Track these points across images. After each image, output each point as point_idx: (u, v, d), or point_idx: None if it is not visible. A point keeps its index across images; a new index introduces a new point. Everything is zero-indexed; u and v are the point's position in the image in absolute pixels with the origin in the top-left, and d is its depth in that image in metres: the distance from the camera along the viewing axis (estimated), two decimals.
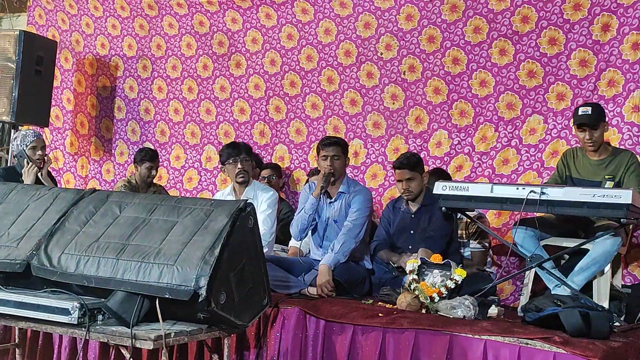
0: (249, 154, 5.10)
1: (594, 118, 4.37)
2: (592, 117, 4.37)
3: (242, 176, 4.99)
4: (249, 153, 5.09)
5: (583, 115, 4.40)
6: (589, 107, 4.44)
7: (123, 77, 7.16)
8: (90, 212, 3.42)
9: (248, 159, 5.04)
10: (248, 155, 5.06)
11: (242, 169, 4.98)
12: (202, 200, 3.39)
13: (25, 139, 5.25)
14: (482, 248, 5.09)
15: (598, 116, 4.39)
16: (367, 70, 6.02)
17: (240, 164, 4.98)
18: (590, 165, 4.49)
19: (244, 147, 5.11)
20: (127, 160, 7.11)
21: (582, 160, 4.54)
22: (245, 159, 5.01)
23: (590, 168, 4.49)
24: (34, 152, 5.22)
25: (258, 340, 4.00)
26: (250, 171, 5.08)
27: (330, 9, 6.15)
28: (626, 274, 4.84)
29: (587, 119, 4.38)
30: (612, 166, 4.42)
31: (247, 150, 5.10)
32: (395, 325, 3.69)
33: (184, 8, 6.78)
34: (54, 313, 3.01)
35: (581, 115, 4.41)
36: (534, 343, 3.39)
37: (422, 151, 5.68)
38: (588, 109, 4.40)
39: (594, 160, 4.48)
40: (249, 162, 5.05)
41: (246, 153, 5.05)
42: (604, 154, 4.47)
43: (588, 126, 4.39)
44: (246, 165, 5.00)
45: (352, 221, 4.65)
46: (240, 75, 6.59)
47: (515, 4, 5.43)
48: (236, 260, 3.14)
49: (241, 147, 5.09)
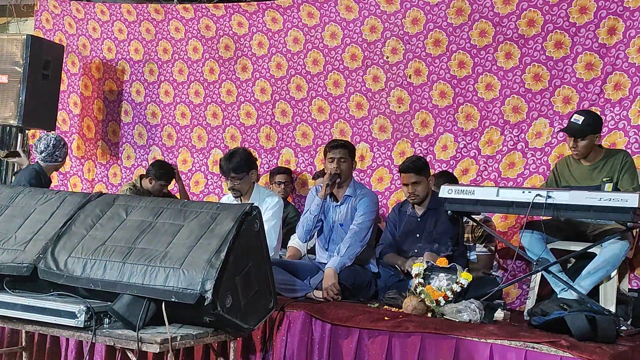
0: (238, 171, 4.86)
1: (581, 130, 4.33)
2: (579, 128, 4.33)
3: (233, 194, 4.96)
4: (237, 170, 4.86)
5: (571, 124, 4.37)
6: (583, 116, 4.37)
7: (130, 81, 7.18)
8: (97, 215, 3.43)
9: (235, 176, 4.86)
10: (236, 172, 4.85)
11: (232, 187, 4.93)
12: (209, 204, 3.39)
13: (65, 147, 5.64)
14: (488, 252, 5.08)
15: (587, 128, 4.33)
16: (373, 74, 6.03)
17: (230, 182, 4.92)
18: (585, 171, 4.46)
19: (230, 167, 4.86)
20: (133, 164, 7.13)
21: (577, 167, 4.51)
22: (233, 177, 4.87)
23: (586, 173, 4.46)
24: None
25: (264, 344, 4.00)
26: (243, 187, 4.91)
27: (336, 12, 6.16)
28: (633, 277, 4.82)
29: (572, 130, 4.35)
30: (607, 167, 4.38)
31: (235, 168, 4.86)
32: (401, 329, 3.69)
33: (190, 12, 6.80)
34: (61, 316, 3.01)
35: (571, 122, 4.39)
36: (540, 347, 3.38)
37: (428, 155, 5.68)
38: (580, 119, 4.34)
39: (587, 166, 4.46)
40: (239, 178, 4.87)
41: (234, 171, 4.85)
42: (597, 158, 4.44)
43: (573, 136, 4.36)
44: (236, 183, 4.88)
45: (358, 225, 4.65)
46: (246, 79, 6.60)
47: (521, 8, 5.43)
48: (242, 263, 3.15)
49: (225, 170, 4.89)
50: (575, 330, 3.49)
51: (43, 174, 5.46)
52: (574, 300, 3.86)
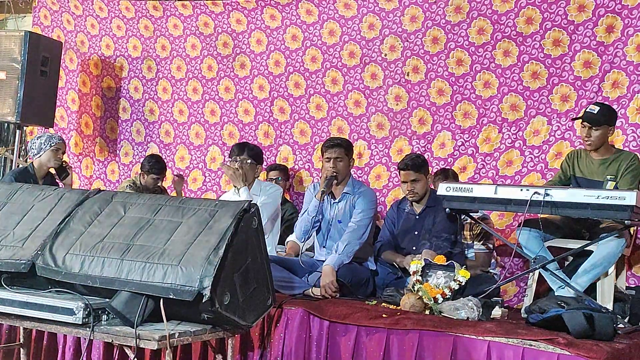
0: (241, 152, 4.98)
1: (596, 118, 4.36)
2: (595, 116, 4.36)
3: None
4: (242, 152, 4.99)
5: (588, 112, 4.41)
6: (600, 107, 4.42)
7: (128, 78, 7.17)
8: (95, 212, 3.43)
9: (238, 159, 4.94)
10: (241, 153, 4.98)
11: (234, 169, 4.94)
12: (207, 201, 3.39)
13: (51, 139, 5.39)
14: (486, 249, 5.09)
15: (602, 118, 4.37)
16: (371, 72, 6.03)
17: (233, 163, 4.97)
18: (592, 164, 4.48)
19: (239, 147, 5.05)
20: (131, 161, 7.13)
21: (586, 160, 4.53)
22: (238, 159, 4.94)
23: (592, 167, 4.48)
24: (55, 154, 5.31)
25: (262, 341, 4.00)
26: (250, 174, 4.95)
27: (334, 10, 6.16)
28: (630, 275, 4.83)
29: (589, 116, 4.38)
30: (614, 166, 4.40)
31: (240, 148, 5.02)
32: (399, 326, 3.69)
33: (189, 9, 6.79)
34: (59, 313, 3.01)
35: (587, 111, 4.42)
36: (537, 344, 3.39)
37: (425, 152, 5.67)
38: (595, 109, 4.40)
39: (596, 160, 4.47)
40: (242, 162, 4.92)
41: (240, 150, 4.99)
42: (607, 154, 4.46)
43: (589, 123, 4.38)
44: (246, 166, 4.92)
45: (356, 222, 4.65)
46: (244, 76, 6.60)
47: (520, 5, 5.43)
48: (240, 260, 3.15)
49: (235, 147, 5.08)
50: (572, 328, 3.49)
51: (32, 170, 5.39)
52: (572, 298, 3.87)
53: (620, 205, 3.76)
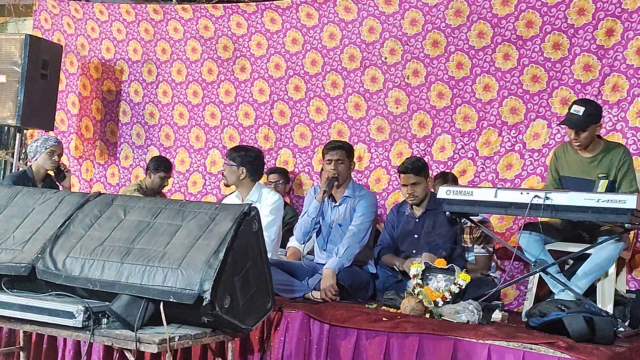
0: (231, 157, 4.90)
1: (582, 121, 4.25)
2: (580, 120, 4.25)
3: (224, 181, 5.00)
4: (231, 156, 4.91)
5: (571, 116, 4.29)
6: (583, 106, 4.28)
7: (128, 81, 7.18)
8: (95, 215, 3.43)
9: (228, 162, 4.90)
10: (231, 157, 4.90)
11: (221, 171, 4.94)
12: (207, 204, 3.39)
13: (46, 142, 5.37)
14: (486, 253, 5.09)
15: (588, 119, 4.26)
16: (371, 75, 6.03)
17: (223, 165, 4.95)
18: (581, 162, 4.41)
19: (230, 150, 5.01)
20: (131, 164, 7.13)
21: (574, 157, 4.44)
22: (226, 163, 4.91)
23: (581, 165, 4.40)
24: (50, 156, 5.31)
25: (262, 344, 4.00)
26: (228, 176, 4.90)
27: (334, 13, 6.17)
28: (630, 279, 4.83)
29: (574, 122, 4.28)
30: (605, 163, 4.33)
31: (232, 156, 4.91)
32: (399, 329, 3.69)
33: (189, 12, 6.80)
34: (59, 316, 3.01)
35: (570, 114, 4.31)
36: (538, 348, 3.39)
37: (425, 156, 5.68)
38: (580, 109, 4.26)
39: (585, 158, 4.39)
40: (229, 164, 4.88)
41: (230, 155, 4.91)
42: (596, 150, 4.37)
43: (576, 128, 4.29)
44: (226, 168, 4.90)
45: (356, 225, 4.66)
46: (244, 79, 6.60)
47: (520, 9, 5.43)
48: (240, 264, 3.15)
49: (230, 150, 5.02)
50: (573, 332, 3.49)
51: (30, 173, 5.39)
52: (572, 302, 3.87)
53: (621, 209, 3.76)
